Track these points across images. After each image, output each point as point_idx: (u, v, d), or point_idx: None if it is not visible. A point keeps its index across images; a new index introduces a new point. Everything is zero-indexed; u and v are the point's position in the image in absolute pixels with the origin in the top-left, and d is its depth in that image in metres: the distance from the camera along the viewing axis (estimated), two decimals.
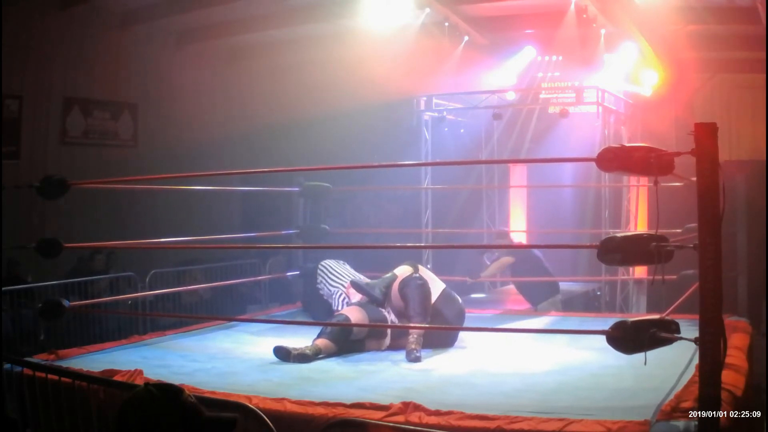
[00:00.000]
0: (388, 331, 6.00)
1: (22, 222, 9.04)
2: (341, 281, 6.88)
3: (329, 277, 6.95)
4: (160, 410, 2.10)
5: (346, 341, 5.82)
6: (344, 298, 6.80)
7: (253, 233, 8.85)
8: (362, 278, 6.86)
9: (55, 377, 4.49)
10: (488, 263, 9.04)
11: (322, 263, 7.11)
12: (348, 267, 7.09)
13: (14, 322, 8.21)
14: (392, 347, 5.96)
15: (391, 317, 6.18)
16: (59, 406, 4.36)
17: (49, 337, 8.23)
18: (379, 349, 5.95)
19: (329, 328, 5.76)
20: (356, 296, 6.52)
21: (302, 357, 5.51)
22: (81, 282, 8.81)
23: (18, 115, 10.10)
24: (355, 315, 5.97)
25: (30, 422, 4.68)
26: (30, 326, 8.35)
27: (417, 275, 6.24)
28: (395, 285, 6.20)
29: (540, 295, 8.48)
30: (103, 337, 7.51)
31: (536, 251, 8.54)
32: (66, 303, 5.67)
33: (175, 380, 2.30)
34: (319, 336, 5.74)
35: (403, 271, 6.34)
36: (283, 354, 5.54)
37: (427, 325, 5.95)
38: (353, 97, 11.10)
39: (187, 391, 2.21)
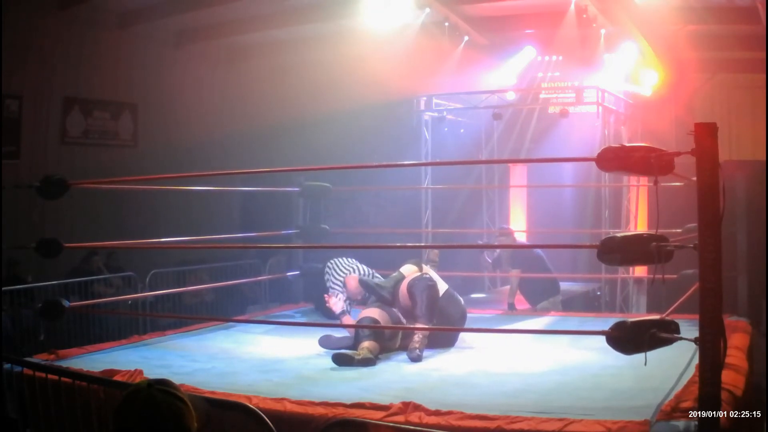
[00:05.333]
0: (400, 331, 5.99)
1: (22, 222, 9.03)
2: (342, 277, 6.87)
3: (335, 275, 6.94)
4: (161, 405, 2.10)
5: (383, 341, 5.81)
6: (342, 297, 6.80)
7: (253, 233, 8.85)
8: (367, 270, 6.88)
9: (55, 377, 4.48)
10: (489, 260, 9.04)
11: (330, 261, 7.08)
12: (354, 262, 7.05)
13: (14, 322, 8.21)
14: (399, 347, 5.97)
15: (400, 318, 6.19)
16: (59, 406, 4.36)
17: (49, 337, 8.22)
18: (391, 349, 5.94)
19: (368, 331, 5.70)
20: (346, 295, 6.60)
21: (368, 361, 5.47)
22: (81, 282, 8.81)
23: (18, 115, 10.09)
24: (382, 317, 5.97)
25: (30, 422, 4.68)
26: (30, 326, 8.34)
27: (427, 276, 6.24)
28: (403, 284, 6.18)
29: (540, 295, 8.49)
30: (103, 337, 7.50)
31: (539, 252, 8.54)
32: (66, 303, 5.68)
33: (175, 380, 2.29)
34: (363, 339, 5.68)
35: (408, 270, 6.33)
36: (343, 360, 5.46)
37: (428, 326, 5.95)
38: (353, 97, 11.10)
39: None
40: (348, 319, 6.51)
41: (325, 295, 6.69)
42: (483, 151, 11.74)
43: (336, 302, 6.52)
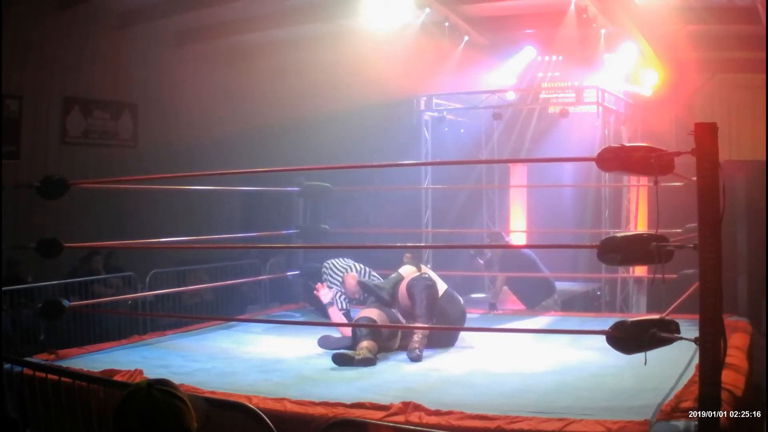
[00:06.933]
0: (399, 331, 5.99)
1: (22, 222, 9.03)
2: (339, 278, 6.91)
3: (332, 276, 6.97)
4: (161, 405, 2.10)
5: (381, 341, 5.80)
6: (341, 296, 6.82)
7: (253, 233, 8.86)
8: (363, 268, 6.89)
9: (55, 377, 4.49)
10: (481, 262, 9.03)
11: (326, 262, 7.12)
12: (351, 262, 7.08)
13: (14, 322, 8.21)
14: (398, 347, 5.97)
15: (399, 318, 6.20)
16: (59, 406, 4.36)
17: (49, 337, 8.22)
18: (391, 349, 5.94)
19: (366, 330, 5.71)
20: (345, 293, 6.64)
21: (368, 361, 5.46)
22: (81, 282, 8.80)
23: (18, 115, 10.09)
24: (380, 317, 5.97)
25: (30, 422, 4.68)
26: (30, 326, 8.34)
27: (426, 275, 6.24)
28: (402, 285, 6.19)
29: (534, 297, 8.47)
30: (103, 337, 7.50)
31: (529, 254, 8.52)
32: (66, 303, 5.68)
33: (175, 380, 2.29)
34: (361, 339, 5.67)
35: (407, 270, 6.34)
36: (343, 360, 5.46)
37: (428, 326, 5.95)
38: (353, 97, 11.10)
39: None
40: (334, 311, 6.52)
41: (318, 284, 6.71)
42: (483, 151, 11.73)
43: (326, 293, 6.53)
